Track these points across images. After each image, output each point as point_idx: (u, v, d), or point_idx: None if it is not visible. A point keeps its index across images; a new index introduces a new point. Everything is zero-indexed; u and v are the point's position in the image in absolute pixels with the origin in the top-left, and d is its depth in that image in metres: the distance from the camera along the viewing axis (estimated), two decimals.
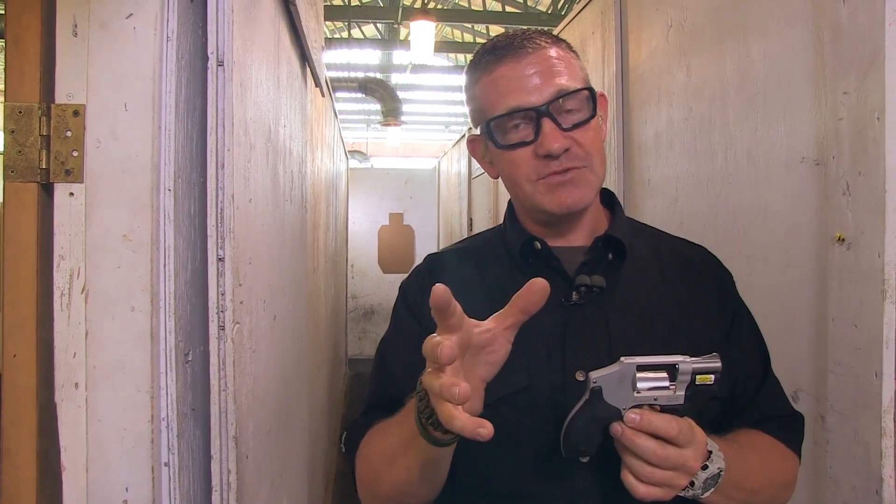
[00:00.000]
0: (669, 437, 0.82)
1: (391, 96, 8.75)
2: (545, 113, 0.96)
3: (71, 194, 0.96)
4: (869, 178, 1.21)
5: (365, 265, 9.19)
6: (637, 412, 0.83)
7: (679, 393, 0.84)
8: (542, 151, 0.96)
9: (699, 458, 0.84)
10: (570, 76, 0.98)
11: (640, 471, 0.82)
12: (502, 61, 0.99)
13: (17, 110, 0.95)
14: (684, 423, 0.83)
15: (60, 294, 0.96)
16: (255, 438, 1.27)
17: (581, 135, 0.97)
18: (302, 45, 2.03)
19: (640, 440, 0.82)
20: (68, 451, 0.95)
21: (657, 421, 0.82)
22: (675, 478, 0.83)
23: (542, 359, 0.98)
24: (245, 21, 1.17)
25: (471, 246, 1.16)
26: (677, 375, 0.84)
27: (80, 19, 0.96)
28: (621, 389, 0.84)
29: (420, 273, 1.12)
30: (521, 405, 0.97)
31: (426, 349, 0.75)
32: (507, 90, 0.97)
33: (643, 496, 0.83)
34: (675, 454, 0.82)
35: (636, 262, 1.04)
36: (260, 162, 1.34)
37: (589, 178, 0.99)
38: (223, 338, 1.02)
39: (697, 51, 1.92)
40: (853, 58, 1.25)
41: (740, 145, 1.70)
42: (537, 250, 1.03)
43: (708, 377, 0.84)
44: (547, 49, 0.99)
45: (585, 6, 2.92)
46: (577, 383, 0.95)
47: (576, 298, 0.99)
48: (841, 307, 1.29)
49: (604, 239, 1.03)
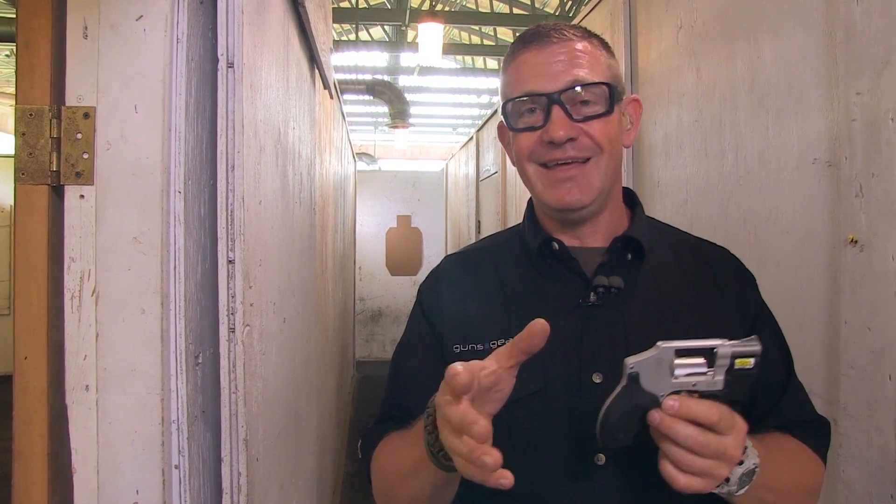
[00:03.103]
0: (710, 424, 0.78)
1: (399, 98, 8.76)
2: (556, 100, 0.96)
3: (81, 196, 0.96)
4: (882, 179, 1.20)
5: (373, 267, 9.19)
6: (675, 398, 0.79)
7: (718, 378, 0.81)
8: (546, 138, 0.96)
9: (739, 446, 0.81)
10: (592, 69, 0.97)
11: (681, 459, 0.79)
12: (528, 48, 1.00)
13: (28, 113, 0.95)
14: (725, 409, 0.80)
15: (71, 296, 0.96)
16: (265, 441, 1.27)
17: (592, 127, 0.97)
18: (311, 47, 2.03)
19: (679, 427, 0.79)
20: (79, 454, 0.95)
21: (696, 407, 0.79)
22: (716, 467, 0.80)
23: (557, 361, 0.97)
24: (255, 23, 1.17)
25: (489, 245, 1.15)
26: (716, 360, 0.81)
27: (91, 21, 0.96)
28: (659, 375, 0.81)
29: (437, 275, 1.12)
30: (535, 408, 0.96)
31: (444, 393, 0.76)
32: (527, 75, 0.98)
33: (683, 487, 0.80)
34: (715, 441, 0.79)
35: (655, 264, 1.03)
36: (269, 164, 1.34)
37: (592, 176, 0.98)
38: (233, 340, 1.02)
39: (707, 52, 1.92)
40: (867, 58, 1.24)
41: (751, 147, 1.69)
42: (555, 251, 1.02)
43: (747, 361, 0.81)
44: (574, 41, 0.99)
45: (594, 8, 2.91)
46: (593, 385, 0.95)
47: (593, 300, 0.99)
48: (854, 310, 1.28)
49: (622, 240, 1.02)
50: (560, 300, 1.00)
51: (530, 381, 0.95)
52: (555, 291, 1.01)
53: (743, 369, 0.81)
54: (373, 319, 9.17)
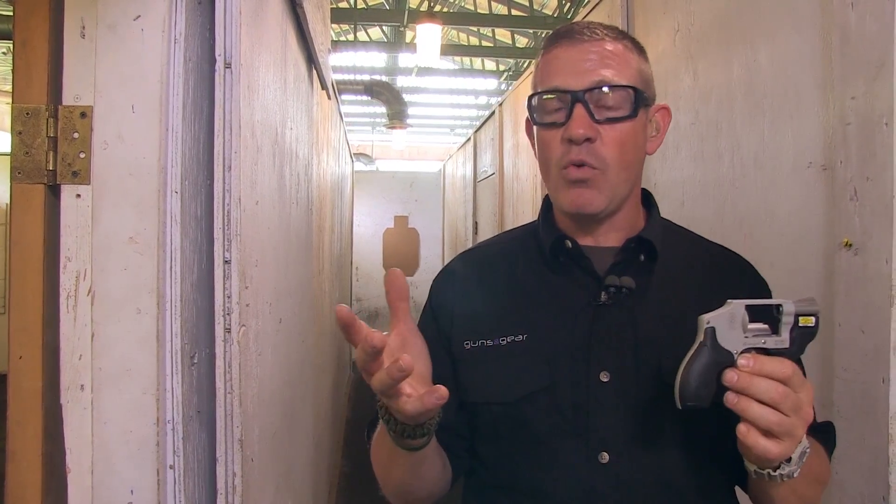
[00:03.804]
0: (783, 378, 0.78)
1: (397, 99, 8.76)
2: (580, 98, 0.95)
3: (78, 196, 0.96)
4: (877, 183, 1.21)
5: (370, 268, 9.19)
6: (747, 357, 0.79)
7: (784, 336, 0.82)
8: (566, 135, 0.95)
9: (811, 403, 0.80)
10: (619, 71, 0.97)
11: (770, 418, 0.77)
12: (559, 43, 0.99)
13: (25, 112, 0.95)
14: (795, 365, 0.79)
15: (67, 296, 0.96)
16: (261, 441, 1.27)
17: (609, 132, 0.96)
18: (308, 48, 2.03)
19: (758, 381, 0.78)
20: (73, 454, 0.95)
21: (769, 364, 0.78)
22: (795, 426, 0.78)
23: (566, 359, 0.97)
24: (252, 23, 1.17)
25: (502, 242, 1.15)
26: (781, 318, 0.82)
27: (88, 21, 0.96)
28: (732, 331, 0.82)
29: (447, 273, 1.12)
30: (542, 404, 0.96)
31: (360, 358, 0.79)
32: (554, 71, 0.98)
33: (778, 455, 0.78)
34: (793, 395, 0.78)
35: (668, 266, 1.03)
36: (266, 164, 1.34)
37: (604, 183, 0.97)
38: (229, 340, 1.02)
39: (704, 55, 1.92)
40: (861, 63, 1.24)
41: (747, 149, 1.69)
42: (567, 249, 1.02)
43: (809, 318, 0.82)
44: (604, 42, 0.98)
45: (592, 10, 2.92)
46: (600, 384, 0.95)
47: (604, 299, 0.98)
48: (848, 313, 1.28)
49: (636, 240, 1.02)
50: (571, 298, 1.00)
51: (537, 378, 0.97)
52: (566, 290, 1.01)
53: (806, 327, 0.82)
54: (370, 320, 9.16)
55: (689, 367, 0.83)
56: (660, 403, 0.91)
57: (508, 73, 11.19)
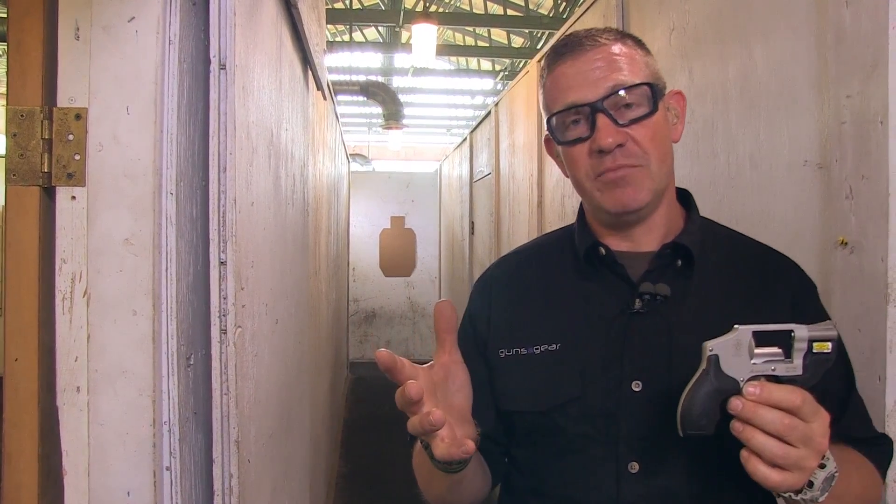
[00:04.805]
0: (793, 408, 0.75)
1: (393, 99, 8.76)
2: (600, 108, 0.95)
3: (73, 198, 0.96)
4: (872, 181, 1.21)
5: (366, 268, 9.18)
6: (755, 384, 0.76)
7: (797, 362, 0.79)
8: (595, 147, 0.95)
9: (825, 434, 0.76)
10: (631, 71, 0.97)
11: (774, 451, 0.75)
12: (563, 59, 0.99)
13: (19, 114, 0.95)
14: (807, 394, 0.76)
15: (62, 298, 0.95)
16: (257, 442, 1.27)
17: (638, 131, 0.95)
18: (304, 49, 2.03)
19: (763, 412, 0.75)
20: (70, 456, 0.95)
21: (778, 392, 0.76)
22: (805, 457, 0.75)
23: (598, 367, 0.96)
24: (247, 24, 1.17)
25: (540, 245, 1.15)
26: (793, 344, 0.79)
27: (83, 22, 0.96)
28: (737, 359, 0.79)
29: (484, 281, 1.13)
30: (573, 414, 0.96)
31: (398, 402, 0.81)
32: (566, 87, 0.98)
33: (778, 484, 0.75)
34: (802, 426, 0.75)
35: (708, 270, 1.00)
36: (262, 165, 1.34)
37: (643, 178, 0.96)
38: (225, 342, 1.01)
39: (700, 54, 1.92)
40: (856, 61, 1.24)
41: (743, 149, 1.69)
42: (602, 256, 1.01)
43: (825, 345, 0.79)
44: (608, 46, 0.98)
45: (587, 9, 2.92)
46: (633, 393, 0.94)
47: (638, 307, 0.97)
48: (844, 311, 1.28)
49: (671, 246, 1.00)
50: (605, 306, 0.99)
51: (569, 388, 0.97)
52: (600, 297, 1.00)
53: (821, 353, 0.79)
54: (366, 320, 9.16)
55: (690, 395, 0.81)
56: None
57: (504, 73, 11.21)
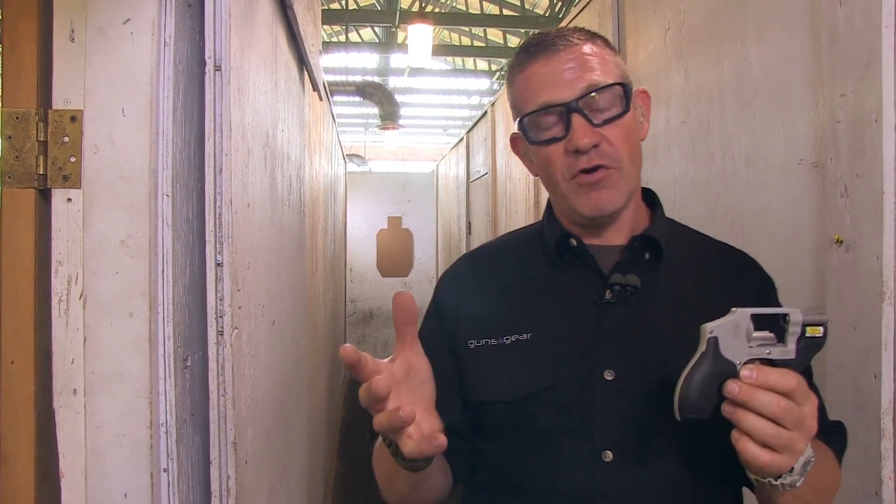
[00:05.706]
0: (787, 391, 0.76)
1: (389, 100, 8.76)
2: (575, 108, 0.95)
3: (69, 200, 0.96)
4: (867, 180, 1.21)
5: (363, 269, 9.18)
6: (751, 367, 0.77)
7: (790, 346, 0.80)
8: (571, 147, 0.95)
9: (815, 416, 0.78)
10: (603, 71, 0.97)
11: (766, 431, 0.76)
12: (535, 58, 0.99)
13: (14, 116, 0.95)
14: (800, 378, 0.77)
15: (58, 300, 0.95)
16: (255, 444, 1.27)
17: (611, 131, 0.96)
18: (300, 49, 2.03)
19: (759, 394, 0.76)
20: (67, 458, 0.95)
21: (773, 375, 0.77)
22: (796, 440, 0.77)
23: (571, 357, 0.97)
24: (242, 26, 1.17)
25: (507, 241, 1.15)
26: (787, 328, 0.80)
27: (78, 24, 0.96)
28: (735, 341, 0.80)
29: (451, 274, 1.12)
30: (547, 403, 0.96)
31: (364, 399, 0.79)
32: (539, 87, 0.97)
33: (767, 464, 0.77)
34: (796, 409, 0.76)
35: (674, 264, 1.02)
36: (258, 166, 1.34)
37: (618, 181, 0.97)
38: (222, 343, 1.02)
39: (695, 54, 1.93)
40: (850, 61, 1.25)
41: (738, 148, 1.70)
42: (572, 247, 1.02)
43: (817, 329, 0.80)
44: (580, 45, 0.98)
45: (583, 9, 2.93)
46: (605, 382, 0.95)
47: (609, 297, 0.98)
48: (840, 309, 1.29)
49: (641, 238, 1.01)
50: (576, 297, 1.00)
51: (542, 377, 0.97)
52: (571, 288, 1.01)
53: (814, 337, 0.80)
54: (364, 321, 9.16)
55: (689, 378, 0.81)
56: (665, 402, 0.90)
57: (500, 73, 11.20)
